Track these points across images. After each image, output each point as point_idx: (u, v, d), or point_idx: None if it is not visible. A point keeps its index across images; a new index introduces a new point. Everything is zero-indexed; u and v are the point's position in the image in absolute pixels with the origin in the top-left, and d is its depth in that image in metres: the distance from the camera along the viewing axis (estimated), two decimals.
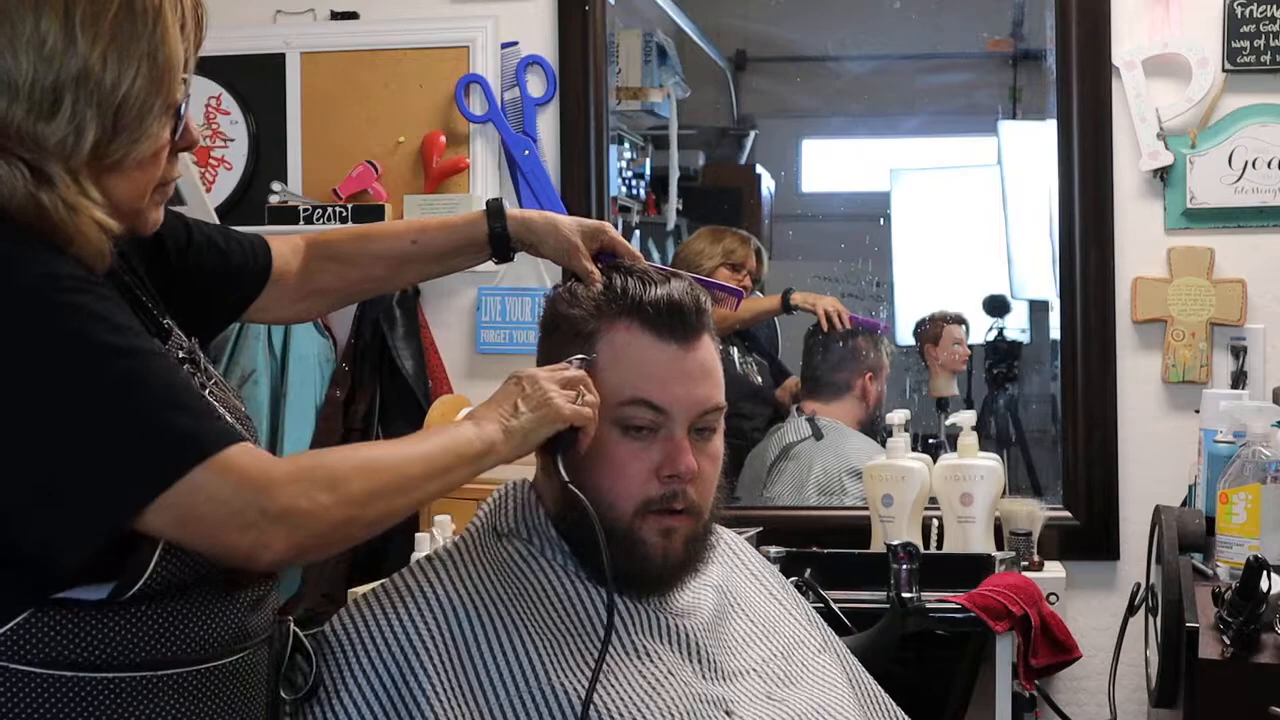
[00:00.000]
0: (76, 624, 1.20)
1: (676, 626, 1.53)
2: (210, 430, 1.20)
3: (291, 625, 1.41)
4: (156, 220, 1.36)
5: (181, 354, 1.39)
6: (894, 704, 1.74)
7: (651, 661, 1.49)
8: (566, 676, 1.44)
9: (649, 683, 1.46)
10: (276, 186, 2.88)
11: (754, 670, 1.56)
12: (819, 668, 1.63)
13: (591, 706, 1.42)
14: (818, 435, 3.07)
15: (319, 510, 1.22)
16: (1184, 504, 2.49)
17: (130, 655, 1.22)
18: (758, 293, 3.32)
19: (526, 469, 1.62)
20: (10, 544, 1.18)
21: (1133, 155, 2.71)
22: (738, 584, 1.68)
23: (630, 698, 1.44)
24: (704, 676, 1.51)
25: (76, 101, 1.23)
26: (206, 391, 1.37)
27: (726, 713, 1.49)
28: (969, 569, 2.42)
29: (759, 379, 3.28)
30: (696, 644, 1.53)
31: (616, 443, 1.51)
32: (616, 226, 3.01)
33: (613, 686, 1.45)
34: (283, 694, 1.38)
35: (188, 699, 1.26)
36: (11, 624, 1.19)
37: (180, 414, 1.19)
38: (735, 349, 3.24)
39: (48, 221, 1.21)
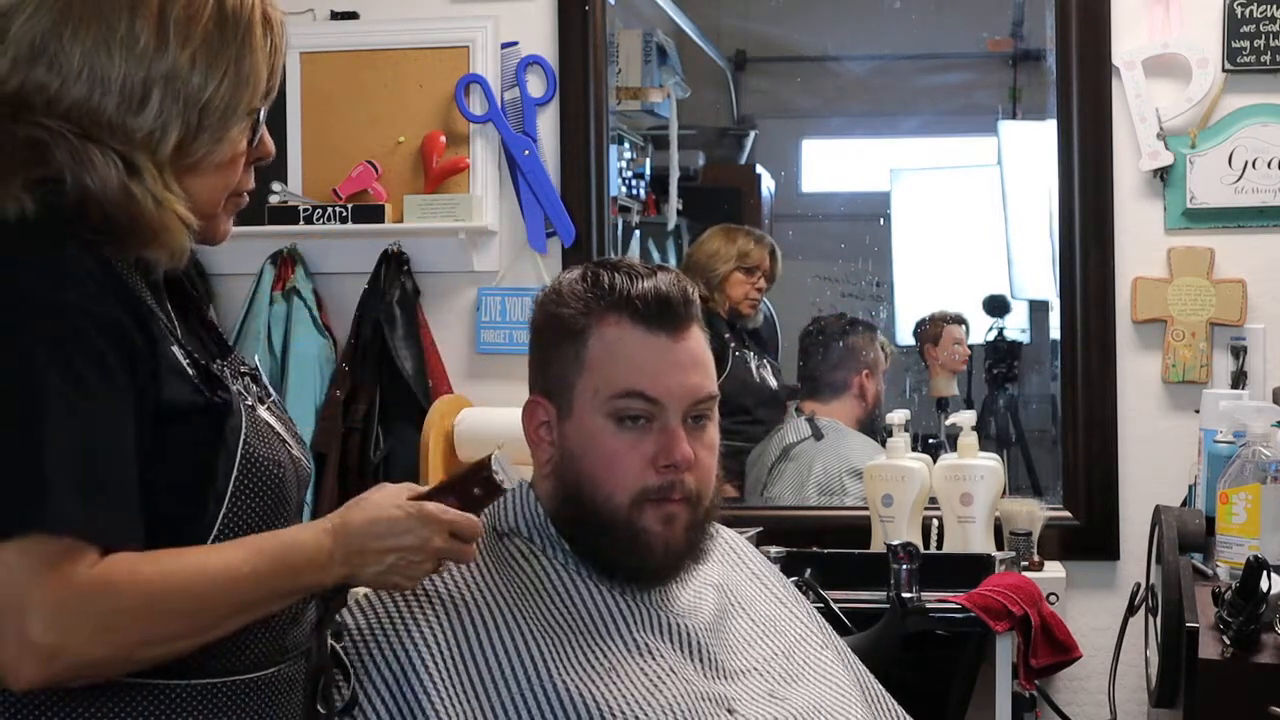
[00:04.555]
0: None
1: (678, 625, 1.54)
2: (55, 508, 1.15)
3: (329, 640, 1.41)
4: (226, 231, 1.40)
5: (244, 369, 1.42)
6: (897, 704, 1.75)
7: (653, 659, 1.49)
8: (567, 674, 1.45)
9: (650, 680, 1.47)
10: (276, 186, 2.88)
11: (756, 669, 1.57)
12: (821, 665, 1.64)
13: (595, 703, 1.43)
14: (817, 435, 3.07)
15: (83, 651, 1.16)
16: (1184, 504, 2.49)
17: (170, 662, 1.22)
18: (766, 302, 3.32)
19: (526, 469, 1.64)
20: None
21: (1133, 155, 2.71)
22: (738, 584, 1.68)
23: (632, 695, 1.45)
24: (706, 675, 1.52)
25: (164, 98, 1.29)
26: (265, 407, 1.39)
27: (729, 710, 1.49)
28: (969, 569, 2.42)
29: (774, 383, 3.27)
30: (698, 643, 1.54)
31: (612, 435, 1.52)
32: (616, 226, 3.03)
33: (615, 683, 1.45)
34: (320, 709, 1.38)
35: (221, 710, 1.27)
36: None
37: (32, 474, 1.15)
38: (750, 352, 3.24)
39: (137, 212, 1.26)
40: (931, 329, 3.29)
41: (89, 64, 1.28)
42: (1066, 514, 2.73)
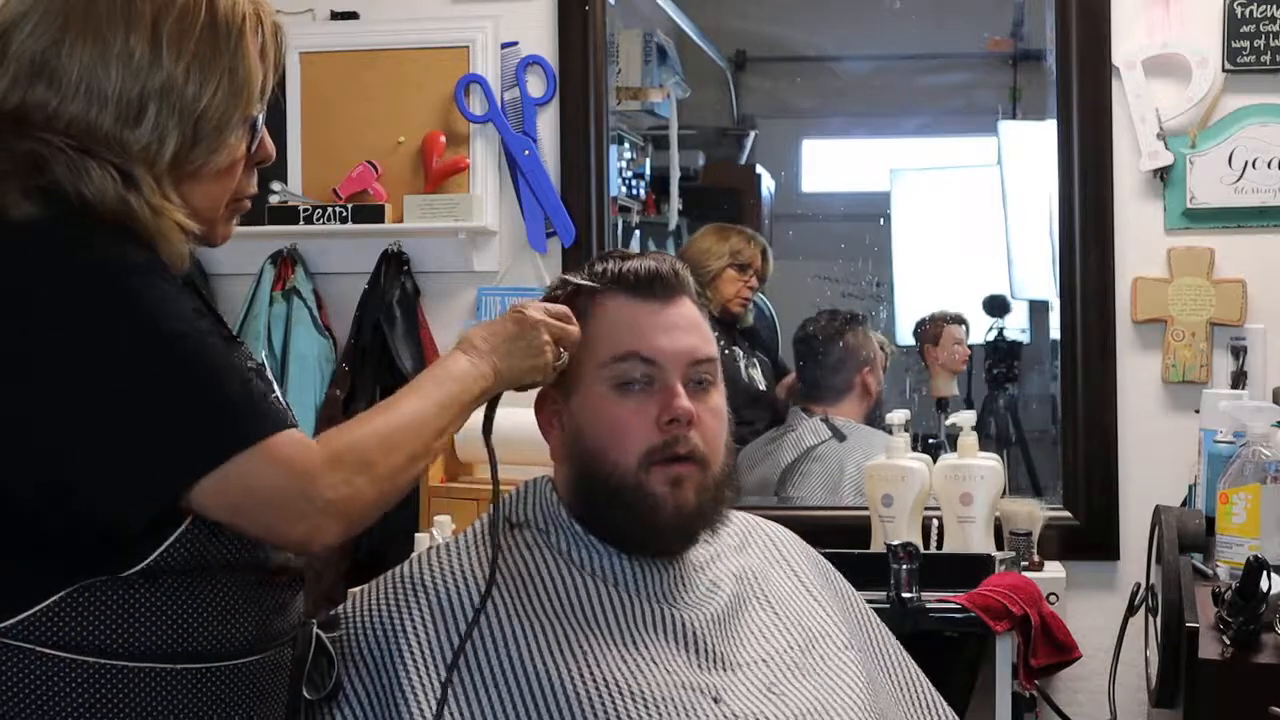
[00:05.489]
0: (104, 610, 1.24)
1: (673, 619, 1.54)
2: (259, 415, 1.25)
3: (315, 629, 1.45)
4: (227, 234, 1.43)
5: (251, 364, 1.43)
6: (945, 704, 1.76)
7: (638, 650, 1.51)
8: (541, 657, 1.47)
9: (629, 667, 1.48)
10: (276, 186, 2.88)
11: (764, 661, 1.57)
12: (837, 665, 1.63)
13: (566, 684, 1.45)
14: (839, 437, 3.07)
15: (358, 495, 1.28)
16: (1184, 504, 2.49)
17: (153, 646, 1.25)
18: (761, 295, 3.32)
19: (537, 469, 1.66)
20: (50, 521, 1.23)
21: (1133, 155, 2.71)
22: (768, 575, 1.69)
23: (608, 679, 1.46)
24: (699, 666, 1.52)
25: (160, 111, 1.32)
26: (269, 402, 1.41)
27: (714, 700, 1.49)
28: (969, 569, 2.42)
29: (762, 384, 3.27)
30: (695, 635, 1.54)
31: (614, 402, 1.56)
32: (616, 226, 3.04)
33: (591, 667, 1.47)
34: (306, 694, 1.43)
35: (206, 694, 1.29)
36: (42, 605, 1.22)
37: (232, 397, 1.24)
38: (740, 350, 3.24)
39: (135, 222, 1.28)
40: (931, 329, 3.29)
41: (86, 80, 1.31)
42: (1066, 514, 2.73)
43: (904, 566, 2.26)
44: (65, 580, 1.23)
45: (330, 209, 2.85)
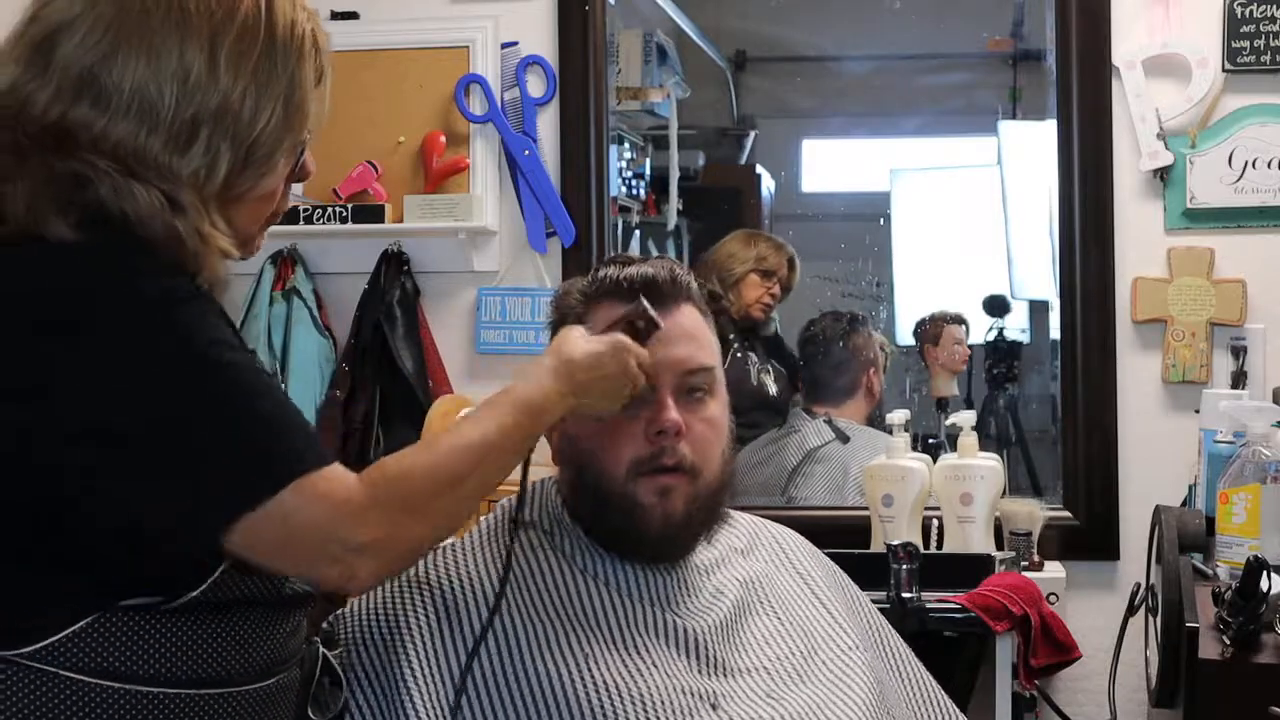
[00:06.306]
0: (129, 637, 1.21)
1: (674, 624, 1.54)
2: (299, 450, 1.21)
3: (321, 648, 1.44)
4: (260, 246, 1.41)
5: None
6: (956, 708, 1.76)
7: (638, 654, 1.51)
8: (547, 659, 1.47)
9: (629, 670, 1.48)
10: None
11: (765, 668, 1.57)
12: (842, 668, 1.62)
13: (564, 685, 1.45)
14: (843, 438, 3.07)
15: (400, 534, 1.25)
16: (1184, 504, 2.49)
17: (176, 673, 1.24)
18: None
19: (542, 470, 1.66)
20: (89, 545, 1.20)
21: (1133, 155, 2.71)
22: (775, 580, 1.68)
23: (606, 681, 1.46)
24: (699, 672, 1.52)
25: (212, 135, 1.28)
26: None
27: (712, 706, 1.49)
28: (969, 569, 2.42)
29: (773, 389, 3.27)
30: (697, 641, 1.54)
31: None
32: (616, 227, 3.04)
33: (590, 669, 1.47)
34: (311, 715, 1.41)
35: (223, 719, 1.28)
36: (68, 631, 1.20)
37: (269, 433, 1.21)
38: (754, 355, 3.24)
39: (182, 248, 1.24)
40: (931, 329, 3.29)
41: (137, 98, 1.25)
42: (1066, 514, 2.73)
43: (904, 566, 2.26)
44: (92, 607, 1.20)
45: (330, 209, 2.85)
